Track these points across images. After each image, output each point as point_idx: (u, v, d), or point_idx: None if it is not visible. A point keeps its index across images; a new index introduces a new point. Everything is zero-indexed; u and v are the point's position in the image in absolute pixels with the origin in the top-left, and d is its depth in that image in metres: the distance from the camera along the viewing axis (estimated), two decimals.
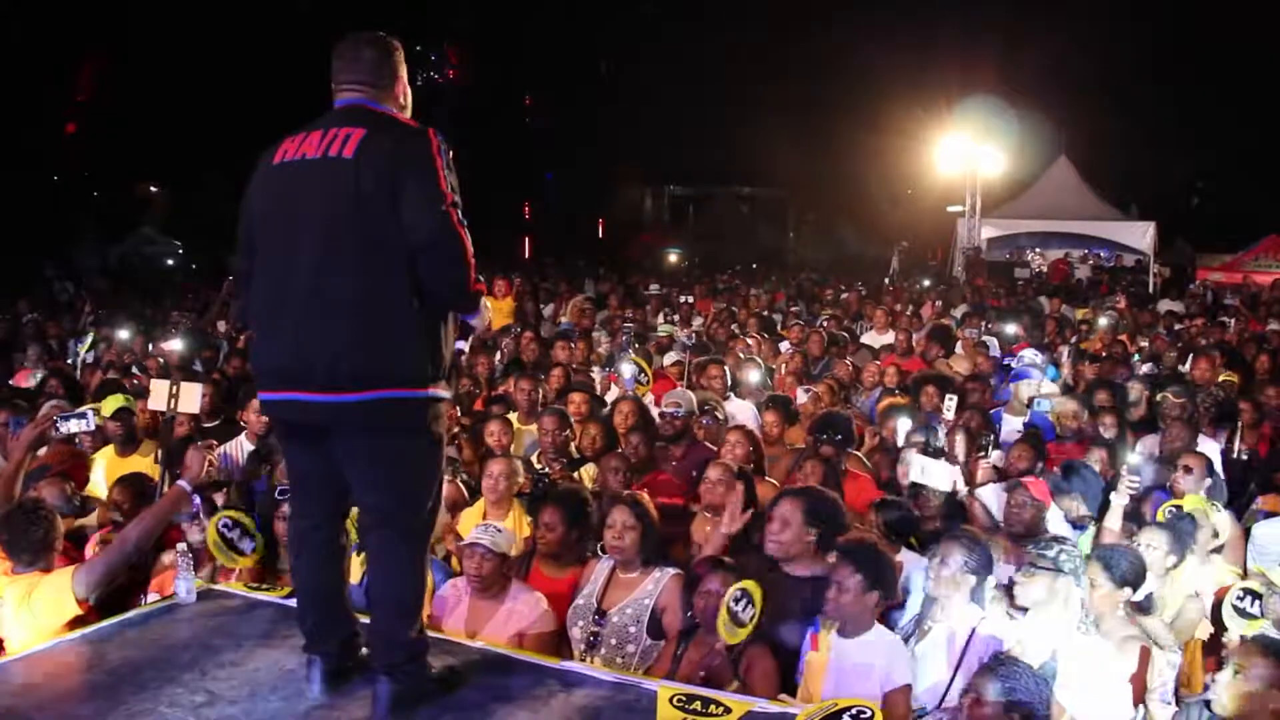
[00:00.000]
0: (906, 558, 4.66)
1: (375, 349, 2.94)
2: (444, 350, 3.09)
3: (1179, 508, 5.05)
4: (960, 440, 5.99)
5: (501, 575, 4.30)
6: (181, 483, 4.28)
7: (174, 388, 4.83)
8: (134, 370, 9.11)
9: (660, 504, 4.91)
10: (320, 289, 2.94)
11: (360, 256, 2.93)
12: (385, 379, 2.96)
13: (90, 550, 4.56)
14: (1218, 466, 6.31)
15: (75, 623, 3.83)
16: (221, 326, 12.49)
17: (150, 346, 10.50)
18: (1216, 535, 5.02)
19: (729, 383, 7.81)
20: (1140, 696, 3.89)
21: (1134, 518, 4.93)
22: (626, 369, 7.53)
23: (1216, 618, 4.42)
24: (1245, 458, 6.83)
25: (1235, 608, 4.24)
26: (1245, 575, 4.75)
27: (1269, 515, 5.64)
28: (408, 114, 3.20)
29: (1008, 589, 4.18)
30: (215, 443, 4.32)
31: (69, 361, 9.42)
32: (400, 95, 3.18)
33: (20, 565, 4.01)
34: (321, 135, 3.02)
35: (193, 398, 4.91)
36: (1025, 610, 4.07)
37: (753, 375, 7.83)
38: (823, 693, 3.68)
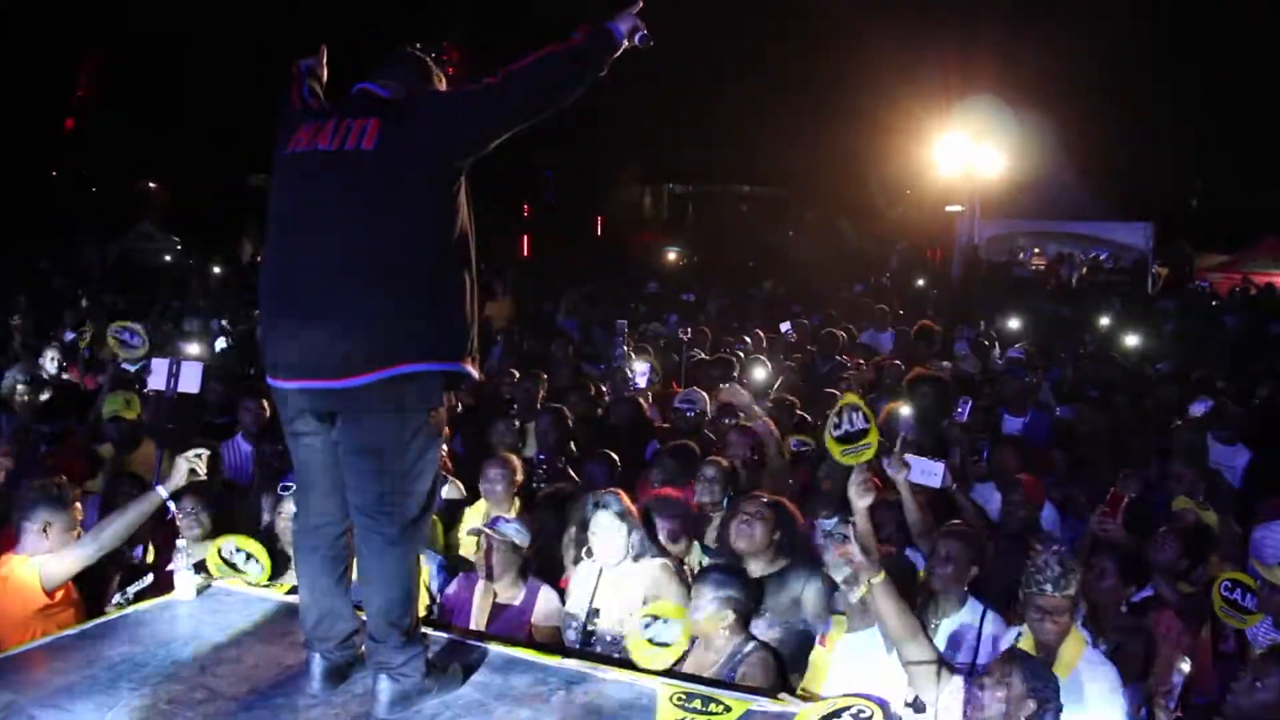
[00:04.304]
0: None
1: (391, 329, 2.94)
2: (464, 323, 3.08)
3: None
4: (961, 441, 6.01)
5: (511, 569, 4.31)
6: (159, 488, 4.27)
7: (174, 366, 4.78)
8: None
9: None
10: (334, 279, 2.94)
11: (376, 243, 2.93)
12: (401, 355, 2.95)
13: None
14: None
15: (45, 612, 3.88)
16: (215, 325, 12.49)
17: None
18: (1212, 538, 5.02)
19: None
20: (1140, 682, 3.90)
21: (1137, 520, 4.94)
22: (639, 366, 7.53)
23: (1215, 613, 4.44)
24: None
25: (1225, 599, 4.25)
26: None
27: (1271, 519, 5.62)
28: None
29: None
30: (205, 451, 4.30)
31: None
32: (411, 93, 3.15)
33: (23, 546, 4.06)
34: (335, 125, 3.03)
35: (193, 377, 4.85)
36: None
37: (758, 373, 7.84)
38: (824, 688, 3.68)
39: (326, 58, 3.63)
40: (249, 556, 4.34)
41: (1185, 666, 3.77)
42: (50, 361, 8.77)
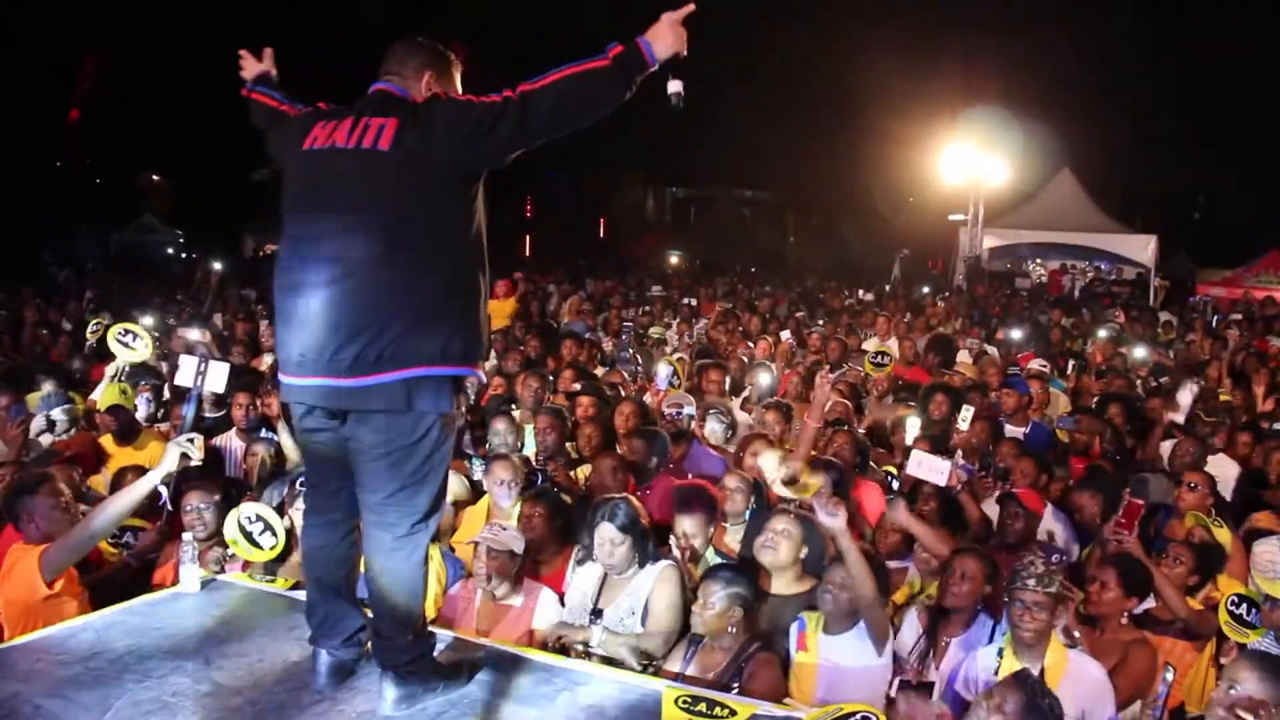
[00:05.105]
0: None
1: (406, 330, 2.92)
2: (477, 328, 3.08)
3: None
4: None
5: (510, 574, 4.31)
6: (150, 475, 4.29)
7: (202, 365, 4.81)
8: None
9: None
10: (350, 278, 2.93)
11: (393, 243, 2.92)
12: (415, 358, 2.94)
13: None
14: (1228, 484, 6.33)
15: (47, 602, 3.89)
16: (218, 319, 12.49)
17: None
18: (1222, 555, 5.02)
19: (728, 387, 7.83)
20: (1143, 697, 3.90)
21: (1140, 532, 4.93)
22: (662, 369, 7.54)
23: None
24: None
25: (1231, 614, 4.26)
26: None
27: (1261, 532, 5.61)
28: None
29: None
30: (198, 437, 4.32)
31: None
32: (427, 86, 3.15)
33: (28, 537, 4.10)
34: (353, 124, 3.02)
35: (220, 376, 4.89)
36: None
37: (763, 379, 7.82)
38: (816, 694, 3.69)
39: (273, 59, 3.65)
40: (266, 527, 4.39)
41: (1170, 675, 3.77)
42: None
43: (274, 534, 4.40)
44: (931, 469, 5.17)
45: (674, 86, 3.07)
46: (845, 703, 3.23)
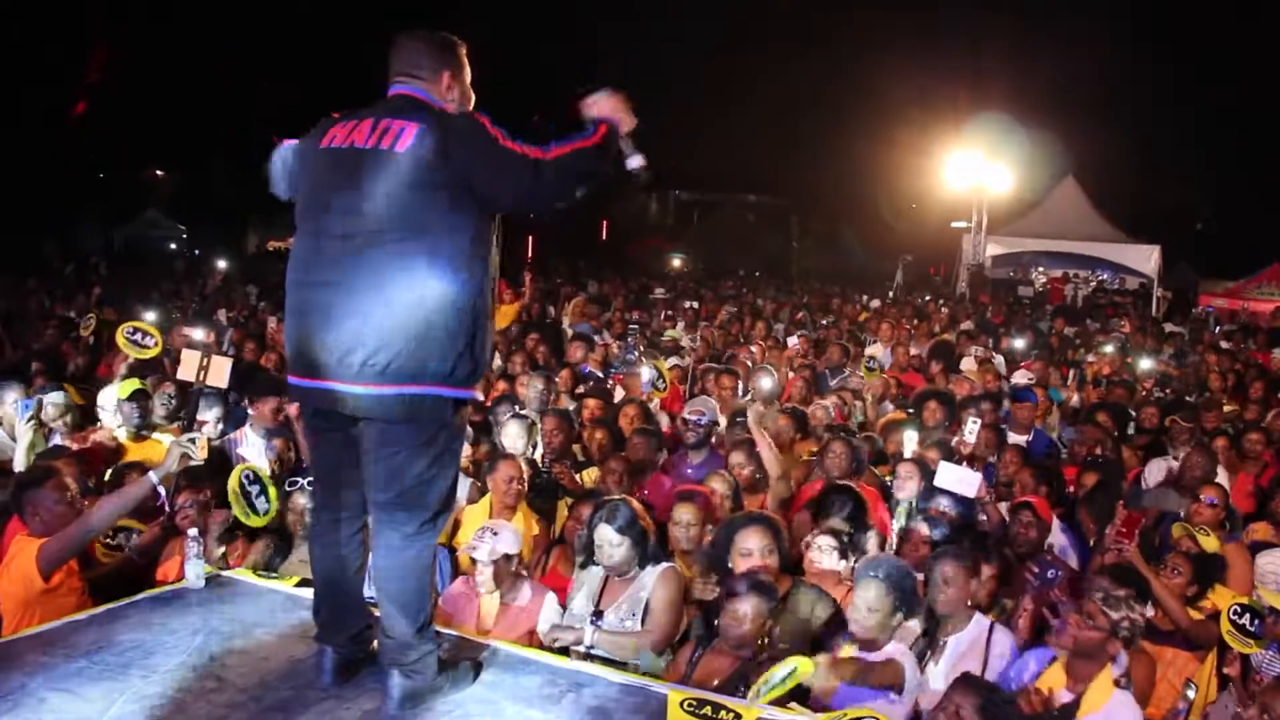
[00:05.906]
0: None
1: (415, 343, 2.91)
2: (483, 351, 3.07)
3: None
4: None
5: (510, 575, 4.30)
6: (150, 474, 4.30)
7: (204, 359, 4.83)
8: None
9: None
10: (363, 280, 2.91)
11: (406, 250, 2.90)
12: (422, 375, 2.93)
13: None
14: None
15: (45, 596, 3.91)
16: (223, 316, 12.49)
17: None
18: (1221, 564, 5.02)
19: (739, 391, 7.82)
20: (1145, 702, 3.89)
21: (1144, 543, 4.93)
22: (645, 372, 7.53)
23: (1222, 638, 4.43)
24: None
25: (1234, 624, 4.26)
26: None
27: (1259, 545, 5.62)
28: (456, 108, 3.15)
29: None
30: (199, 436, 4.33)
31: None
32: (448, 87, 3.14)
33: (31, 530, 4.12)
34: (373, 125, 3.00)
35: (222, 371, 4.91)
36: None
37: (764, 383, 7.83)
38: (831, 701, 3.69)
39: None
40: (262, 490, 4.47)
41: (1191, 693, 3.76)
42: None
43: (268, 499, 4.48)
44: (960, 480, 5.15)
45: (634, 162, 3.17)
46: (851, 708, 3.24)
